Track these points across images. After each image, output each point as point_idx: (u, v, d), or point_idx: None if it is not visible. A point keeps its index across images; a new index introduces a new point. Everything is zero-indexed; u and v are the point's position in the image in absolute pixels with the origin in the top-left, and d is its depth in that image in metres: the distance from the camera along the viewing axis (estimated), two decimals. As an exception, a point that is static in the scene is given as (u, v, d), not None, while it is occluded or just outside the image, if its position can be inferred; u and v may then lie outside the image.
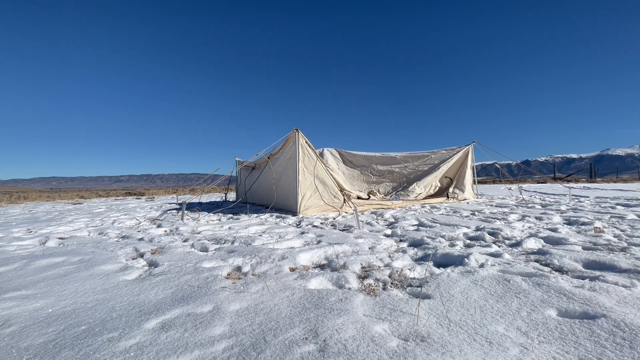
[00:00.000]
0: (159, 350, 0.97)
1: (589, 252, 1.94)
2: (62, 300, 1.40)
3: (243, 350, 0.95)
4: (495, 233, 2.61)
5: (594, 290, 1.30)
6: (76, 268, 1.91)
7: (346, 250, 2.18)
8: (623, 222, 3.03)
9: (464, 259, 1.81)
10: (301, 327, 1.08)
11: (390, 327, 1.07)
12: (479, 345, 0.95)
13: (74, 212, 6.00)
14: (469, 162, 6.70)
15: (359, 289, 1.44)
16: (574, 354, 0.90)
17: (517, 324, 1.07)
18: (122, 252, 2.34)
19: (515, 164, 8.48)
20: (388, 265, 1.81)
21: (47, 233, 3.34)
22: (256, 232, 3.05)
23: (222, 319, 1.16)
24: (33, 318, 1.22)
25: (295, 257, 1.97)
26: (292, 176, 4.59)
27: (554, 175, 19.90)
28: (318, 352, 0.93)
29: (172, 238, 2.88)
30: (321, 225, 3.48)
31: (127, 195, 13.31)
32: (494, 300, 1.26)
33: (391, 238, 2.65)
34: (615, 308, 1.13)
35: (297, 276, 1.64)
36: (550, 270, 1.63)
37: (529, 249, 2.10)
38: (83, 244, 2.70)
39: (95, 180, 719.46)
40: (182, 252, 2.24)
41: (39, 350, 0.99)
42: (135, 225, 3.92)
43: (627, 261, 1.69)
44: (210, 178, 5.90)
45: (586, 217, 3.37)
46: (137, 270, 1.86)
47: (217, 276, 1.66)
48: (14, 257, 2.22)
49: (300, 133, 4.47)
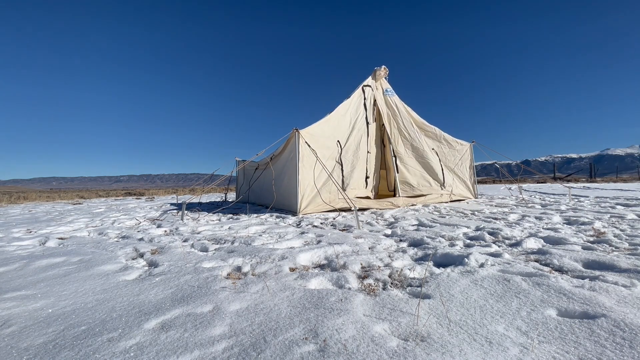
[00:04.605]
0: (159, 350, 0.97)
1: (589, 251, 1.94)
2: (62, 300, 1.40)
3: (243, 350, 0.95)
4: (495, 233, 2.61)
5: (594, 290, 1.30)
6: (76, 268, 1.91)
7: (346, 250, 2.18)
8: (623, 222, 3.03)
9: (464, 259, 1.81)
10: (301, 327, 1.08)
11: (390, 327, 1.07)
12: (479, 345, 0.95)
13: (73, 212, 6.00)
14: (468, 161, 6.69)
15: (358, 289, 1.44)
16: (574, 353, 0.90)
17: (517, 323, 1.07)
18: (122, 252, 2.34)
19: (515, 164, 8.49)
20: (388, 265, 1.81)
21: (47, 233, 3.34)
22: (256, 232, 3.05)
23: (222, 319, 1.16)
24: (33, 318, 1.22)
25: (295, 257, 1.97)
26: (292, 176, 4.59)
27: (554, 175, 19.91)
28: (318, 352, 0.93)
29: (172, 238, 2.88)
30: (321, 225, 3.48)
31: (127, 196, 13.31)
32: (493, 300, 1.26)
33: (391, 238, 2.65)
34: (615, 308, 1.13)
35: (297, 276, 1.64)
36: (550, 270, 1.63)
37: (528, 248, 2.10)
38: (83, 244, 2.70)
39: (95, 180, 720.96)
40: (182, 252, 2.24)
41: (39, 351, 0.99)
42: (135, 225, 3.92)
43: (627, 261, 1.69)
44: (210, 178, 5.91)
45: (586, 216, 3.37)
46: (137, 271, 1.86)
47: (217, 276, 1.66)
48: (14, 257, 2.22)
49: (301, 133, 4.48)
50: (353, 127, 5.36)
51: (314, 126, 4.81)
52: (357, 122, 5.43)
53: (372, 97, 5.78)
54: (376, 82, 5.91)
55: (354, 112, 5.45)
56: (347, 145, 5.22)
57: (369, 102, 5.68)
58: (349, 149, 5.25)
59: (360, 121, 5.50)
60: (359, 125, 5.46)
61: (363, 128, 5.52)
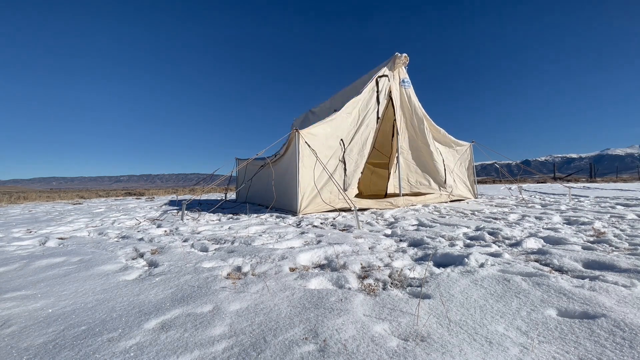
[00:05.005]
0: (159, 350, 0.97)
1: (589, 251, 1.94)
2: (62, 300, 1.40)
3: (243, 350, 0.95)
4: (495, 233, 2.61)
5: (594, 290, 1.30)
6: (76, 268, 1.91)
7: (346, 250, 2.18)
8: (623, 222, 3.03)
9: (464, 259, 1.81)
10: (301, 327, 1.08)
11: (390, 327, 1.07)
12: (479, 345, 0.95)
13: (73, 212, 6.00)
14: (467, 162, 6.69)
15: (358, 289, 1.44)
16: (573, 353, 0.90)
17: (517, 323, 1.07)
18: (122, 252, 2.34)
19: (515, 164, 8.48)
20: (388, 265, 1.81)
21: (47, 233, 3.34)
22: (256, 232, 3.05)
23: (222, 319, 1.16)
24: (33, 318, 1.22)
25: (295, 257, 1.97)
26: (292, 176, 4.59)
27: (554, 175, 19.91)
28: (318, 352, 0.93)
29: (172, 238, 2.88)
30: (321, 225, 3.48)
31: (127, 195, 13.31)
32: (493, 300, 1.26)
33: (391, 238, 2.65)
34: (615, 308, 1.13)
35: (297, 276, 1.64)
36: (550, 270, 1.63)
37: (528, 248, 2.10)
38: (83, 244, 2.70)
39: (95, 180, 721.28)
40: (182, 252, 2.24)
41: (39, 351, 0.99)
42: (135, 225, 3.92)
43: (627, 261, 1.69)
44: (210, 178, 5.90)
45: (586, 216, 3.37)
46: (137, 271, 1.86)
47: (217, 276, 1.66)
48: (14, 257, 2.22)
49: (301, 133, 4.48)
50: (360, 123, 5.09)
51: (315, 126, 4.73)
52: (366, 118, 5.14)
53: (387, 88, 5.40)
54: (393, 71, 5.48)
55: (364, 107, 5.15)
56: (352, 143, 5.00)
57: (383, 94, 5.32)
58: (354, 147, 5.02)
59: (371, 116, 5.20)
60: (368, 121, 5.17)
61: (373, 124, 5.23)
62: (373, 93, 5.28)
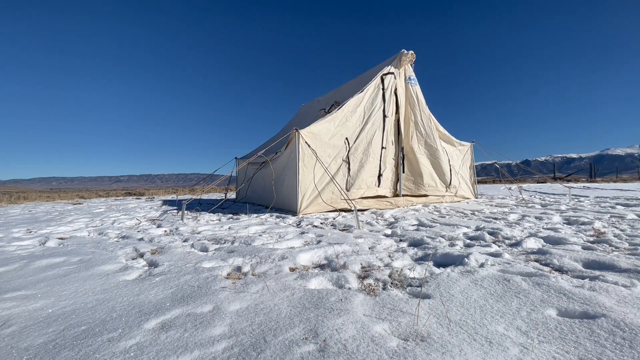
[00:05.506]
0: (159, 350, 0.97)
1: (589, 251, 1.94)
2: (62, 300, 1.40)
3: (243, 350, 0.95)
4: (495, 233, 2.61)
5: (594, 290, 1.30)
6: (76, 268, 1.91)
7: (346, 250, 2.19)
8: (623, 222, 3.03)
9: (464, 259, 1.81)
10: (301, 327, 1.08)
11: (390, 327, 1.07)
12: (479, 345, 0.95)
13: (73, 212, 6.00)
14: (468, 161, 6.69)
15: (358, 289, 1.44)
16: (573, 353, 0.90)
17: (517, 323, 1.07)
18: (122, 252, 2.34)
19: (515, 164, 8.48)
20: (388, 265, 1.81)
21: (47, 233, 3.34)
22: (256, 232, 3.05)
23: (222, 319, 1.16)
24: (33, 318, 1.22)
25: (295, 257, 1.97)
26: (292, 176, 4.58)
27: (554, 175, 19.91)
28: (318, 352, 0.93)
29: (172, 238, 2.88)
30: (321, 225, 3.48)
31: (127, 195, 13.31)
32: (493, 300, 1.26)
33: (391, 238, 2.65)
34: (615, 308, 1.14)
35: (297, 276, 1.64)
36: (550, 270, 1.63)
37: (528, 248, 2.10)
38: (83, 244, 2.70)
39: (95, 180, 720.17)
40: (182, 252, 2.24)
41: (39, 351, 0.99)
42: (135, 225, 3.92)
43: (627, 261, 1.69)
44: (210, 178, 5.89)
45: (586, 216, 3.37)
46: (137, 271, 1.86)
47: (217, 276, 1.66)
48: (14, 257, 2.22)
49: (301, 133, 4.47)
50: (366, 121, 5.03)
51: (316, 125, 4.67)
52: (372, 116, 5.08)
53: (393, 86, 5.33)
54: (399, 68, 5.44)
55: (369, 105, 5.10)
56: (358, 142, 4.94)
57: (389, 92, 5.26)
58: (359, 146, 4.96)
59: (377, 114, 5.14)
60: (374, 119, 5.11)
61: (379, 122, 5.16)
62: (378, 91, 5.23)
